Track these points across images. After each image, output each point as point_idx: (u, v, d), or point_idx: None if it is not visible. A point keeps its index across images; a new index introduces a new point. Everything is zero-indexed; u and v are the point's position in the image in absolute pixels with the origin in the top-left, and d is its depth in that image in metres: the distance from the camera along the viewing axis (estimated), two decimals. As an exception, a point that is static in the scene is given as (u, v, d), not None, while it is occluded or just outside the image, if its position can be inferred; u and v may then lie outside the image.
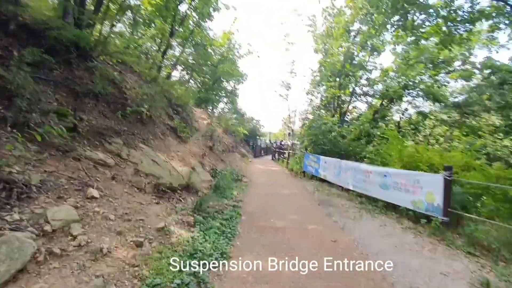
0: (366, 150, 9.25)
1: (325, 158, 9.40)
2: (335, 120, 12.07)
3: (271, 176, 11.05)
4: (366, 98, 17.44)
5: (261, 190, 8.03)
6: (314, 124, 12.23)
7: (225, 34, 30.60)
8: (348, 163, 7.92)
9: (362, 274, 3.11)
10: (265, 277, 3.00)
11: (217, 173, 8.63)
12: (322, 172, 9.53)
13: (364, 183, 6.92)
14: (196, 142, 10.79)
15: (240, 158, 16.11)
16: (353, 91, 17.98)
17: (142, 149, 7.18)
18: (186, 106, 13.37)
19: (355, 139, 10.83)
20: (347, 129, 11.14)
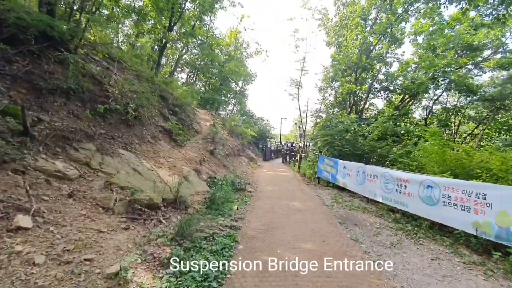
0: (394, 152, 7.67)
1: (345, 162, 7.90)
2: (353, 118, 10.52)
3: (280, 183, 9.61)
4: (386, 93, 15.69)
5: (268, 203, 6.63)
6: (328, 123, 10.74)
7: (232, 33, 29.59)
8: (375, 168, 6.40)
9: None
10: None
11: (215, 182, 7.30)
12: (340, 179, 8.03)
13: (399, 195, 5.39)
14: (195, 146, 9.52)
15: (247, 162, 14.75)
16: (370, 86, 16.30)
17: (122, 155, 5.95)
18: (186, 106, 12.18)
19: (378, 139, 9.24)
20: (367, 128, 9.58)
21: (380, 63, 15.97)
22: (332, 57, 18.10)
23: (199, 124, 12.67)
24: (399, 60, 15.32)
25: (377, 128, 9.34)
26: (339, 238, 4.42)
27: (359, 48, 14.51)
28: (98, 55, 8.60)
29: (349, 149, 8.71)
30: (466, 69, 12.25)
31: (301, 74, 25.21)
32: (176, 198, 5.49)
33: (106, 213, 4.21)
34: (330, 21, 17.30)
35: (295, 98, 26.74)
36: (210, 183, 7.26)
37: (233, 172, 10.08)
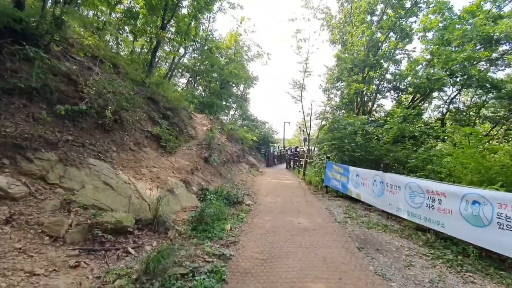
0: (416, 156, 6.59)
1: (357, 169, 6.82)
2: (363, 119, 9.46)
3: (283, 194, 8.55)
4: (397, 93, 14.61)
5: (268, 220, 5.59)
6: (335, 125, 9.69)
7: (232, 36, 28.89)
8: (396, 177, 5.32)
9: None
10: None
11: (207, 194, 6.28)
12: (353, 189, 6.95)
13: (430, 212, 4.31)
14: (187, 153, 8.54)
15: (247, 169, 13.72)
16: (379, 85, 15.25)
17: (92, 166, 4.97)
18: (181, 110, 11.26)
19: (393, 142, 8.16)
20: (380, 129, 8.51)
21: (389, 61, 14.95)
22: (336, 56, 17.14)
23: (194, 129, 11.72)
24: (410, 56, 14.27)
25: (391, 129, 8.27)
26: (360, 272, 3.34)
27: (366, 45, 13.51)
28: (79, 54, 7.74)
29: (361, 154, 7.64)
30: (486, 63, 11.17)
31: (304, 75, 24.31)
32: (155, 218, 4.48)
33: (52, 244, 3.21)
34: (334, 18, 16.39)
35: (298, 101, 25.81)
36: (201, 196, 6.24)
37: (230, 181, 9.06)
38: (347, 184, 7.29)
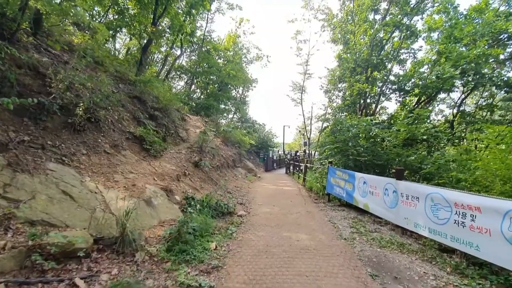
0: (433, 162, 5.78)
1: (365, 176, 6.01)
2: (368, 120, 8.67)
3: (281, 202, 7.72)
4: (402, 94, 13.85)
5: (262, 236, 4.76)
6: (339, 127, 8.91)
7: (231, 37, 28.30)
8: (413, 186, 4.50)
9: None
10: None
11: (193, 204, 5.46)
12: (359, 198, 6.12)
13: (460, 230, 3.49)
14: (175, 157, 7.74)
15: (244, 174, 12.89)
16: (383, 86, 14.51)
17: (50, 172, 4.16)
18: (173, 111, 10.48)
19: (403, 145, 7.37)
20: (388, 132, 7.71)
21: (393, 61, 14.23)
22: (338, 57, 16.44)
23: (187, 131, 10.94)
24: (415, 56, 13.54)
25: (400, 131, 7.47)
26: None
27: (370, 43, 12.80)
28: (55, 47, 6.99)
29: (367, 159, 6.84)
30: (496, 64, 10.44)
31: (304, 77, 23.67)
32: (123, 235, 3.66)
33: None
34: (335, 17, 15.73)
35: (298, 104, 25.12)
36: (185, 207, 5.41)
37: (223, 188, 8.23)
38: (352, 193, 6.47)
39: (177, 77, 24.13)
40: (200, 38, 21.53)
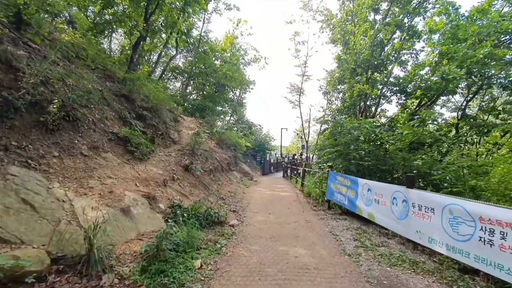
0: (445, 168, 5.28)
1: (369, 182, 5.47)
2: (370, 122, 8.17)
3: (278, 210, 7.17)
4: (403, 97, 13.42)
5: (255, 251, 4.21)
6: (339, 129, 8.40)
7: (228, 38, 27.88)
8: (428, 196, 3.96)
9: None
10: None
11: (179, 213, 4.88)
12: (363, 207, 5.59)
13: (488, 250, 2.96)
14: (164, 160, 7.18)
15: (239, 178, 12.33)
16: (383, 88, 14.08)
17: (11, 177, 3.59)
18: (163, 111, 9.93)
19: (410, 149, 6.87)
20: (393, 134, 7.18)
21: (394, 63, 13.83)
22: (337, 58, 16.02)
23: (179, 132, 10.38)
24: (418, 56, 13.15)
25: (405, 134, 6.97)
26: None
27: (370, 43, 12.37)
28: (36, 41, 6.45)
29: (371, 163, 6.32)
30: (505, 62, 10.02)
31: (303, 79, 23.24)
32: (89, 254, 3.09)
33: None
34: (335, 17, 15.33)
35: (296, 106, 24.66)
36: (170, 216, 4.84)
37: (215, 194, 7.67)
38: (355, 200, 5.94)
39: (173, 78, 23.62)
40: (196, 39, 21.06)
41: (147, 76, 12.62)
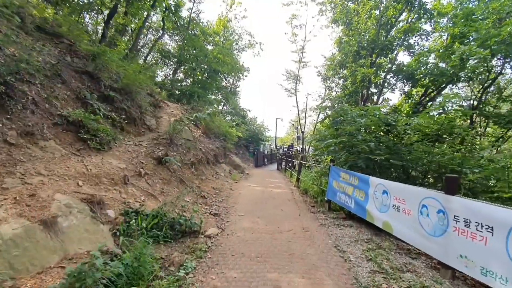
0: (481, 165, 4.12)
1: (386, 183, 4.28)
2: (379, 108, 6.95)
3: (269, 213, 6.00)
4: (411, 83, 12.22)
5: (233, 280, 3.03)
6: (343, 117, 7.19)
7: (221, 21, 26.14)
8: (485, 210, 2.76)
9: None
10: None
11: (133, 223, 3.63)
12: (376, 213, 4.42)
13: None
14: (131, 151, 5.89)
15: (228, 172, 11.10)
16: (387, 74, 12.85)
17: None
18: (139, 93, 8.56)
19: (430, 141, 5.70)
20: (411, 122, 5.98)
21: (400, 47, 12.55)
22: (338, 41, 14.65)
23: (158, 119, 9.05)
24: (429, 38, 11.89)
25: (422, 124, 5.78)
26: None
27: (377, 22, 11.03)
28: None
29: (384, 157, 5.13)
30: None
31: (300, 66, 21.80)
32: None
33: None
34: (336, -5, 13.87)
35: (292, 94, 23.31)
36: (122, 227, 3.59)
37: (195, 192, 6.44)
38: (364, 204, 4.77)
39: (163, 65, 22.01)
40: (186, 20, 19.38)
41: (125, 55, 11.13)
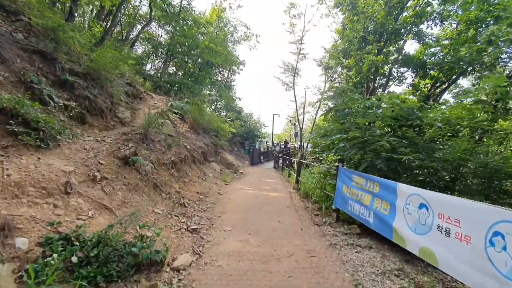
0: None
1: (425, 193, 3.08)
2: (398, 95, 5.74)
3: (264, 227, 4.77)
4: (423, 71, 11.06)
5: None
6: (351, 108, 5.98)
7: (214, 11, 24.79)
8: None
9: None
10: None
11: (57, 257, 2.37)
12: (410, 235, 3.21)
13: None
14: (89, 149, 4.62)
15: (219, 172, 9.85)
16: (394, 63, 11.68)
17: None
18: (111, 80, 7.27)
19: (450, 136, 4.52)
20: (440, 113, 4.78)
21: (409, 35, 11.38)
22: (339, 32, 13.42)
23: (134, 112, 7.77)
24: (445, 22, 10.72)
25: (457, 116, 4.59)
26: None
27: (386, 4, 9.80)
28: None
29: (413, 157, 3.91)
30: None
31: (298, 58, 20.48)
32: None
33: None
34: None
35: (290, 88, 22.05)
36: (34, 266, 2.35)
37: (171, 198, 5.20)
38: (389, 219, 3.58)
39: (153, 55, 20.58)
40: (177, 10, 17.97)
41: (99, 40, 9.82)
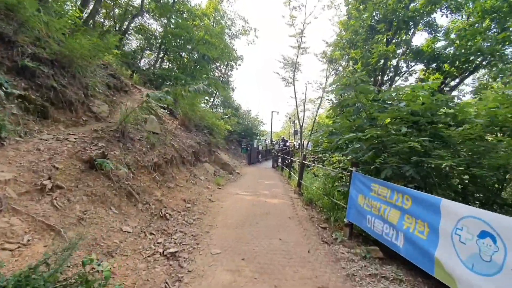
0: None
1: (488, 215, 2.23)
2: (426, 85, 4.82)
3: (261, 248, 3.86)
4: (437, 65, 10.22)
5: None
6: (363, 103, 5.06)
7: (211, 2, 23.85)
8: None
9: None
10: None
11: None
12: (463, 274, 2.34)
13: None
14: (44, 149, 3.65)
15: (212, 173, 8.92)
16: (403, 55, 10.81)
17: None
18: (83, 68, 6.30)
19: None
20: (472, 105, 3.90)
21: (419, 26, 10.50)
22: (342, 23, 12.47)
23: (114, 106, 6.82)
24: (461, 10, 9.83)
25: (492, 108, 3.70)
26: None
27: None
28: None
29: (455, 162, 2.99)
30: None
31: (298, 52, 19.53)
32: None
33: None
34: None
35: (290, 84, 21.13)
36: None
37: (150, 210, 4.28)
38: (429, 246, 2.68)
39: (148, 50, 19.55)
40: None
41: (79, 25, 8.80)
